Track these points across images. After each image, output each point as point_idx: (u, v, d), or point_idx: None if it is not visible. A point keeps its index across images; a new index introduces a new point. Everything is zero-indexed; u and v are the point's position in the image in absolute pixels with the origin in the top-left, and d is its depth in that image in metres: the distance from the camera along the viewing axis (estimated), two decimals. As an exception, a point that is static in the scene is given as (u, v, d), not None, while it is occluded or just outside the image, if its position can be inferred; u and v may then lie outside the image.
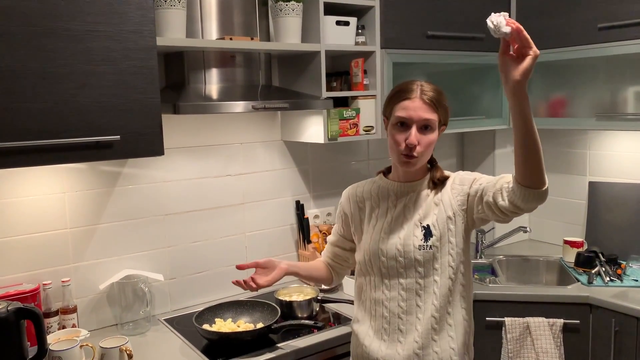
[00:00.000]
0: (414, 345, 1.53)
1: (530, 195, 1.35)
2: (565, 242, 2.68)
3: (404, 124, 1.51)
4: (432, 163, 1.63)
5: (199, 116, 2.25)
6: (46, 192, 1.96)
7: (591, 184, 2.76)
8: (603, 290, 2.26)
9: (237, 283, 1.68)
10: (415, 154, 1.50)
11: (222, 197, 2.34)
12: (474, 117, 2.61)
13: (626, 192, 2.63)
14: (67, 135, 1.60)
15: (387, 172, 1.68)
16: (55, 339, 1.75)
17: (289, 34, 2.11)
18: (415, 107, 1.50)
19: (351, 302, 2.17)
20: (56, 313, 1.92)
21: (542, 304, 2.25)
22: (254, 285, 1.67)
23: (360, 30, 2.30)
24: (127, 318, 2.03)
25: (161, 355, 1.85)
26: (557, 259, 2.73)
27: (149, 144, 1.75)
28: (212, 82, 2.06)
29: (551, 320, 2.22)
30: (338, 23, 2.21)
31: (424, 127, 1.50)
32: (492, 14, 1.28)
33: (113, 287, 2.07)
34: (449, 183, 1.58)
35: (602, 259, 2.51)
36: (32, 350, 1.61)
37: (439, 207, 1.55)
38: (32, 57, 1.53)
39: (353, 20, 2.25)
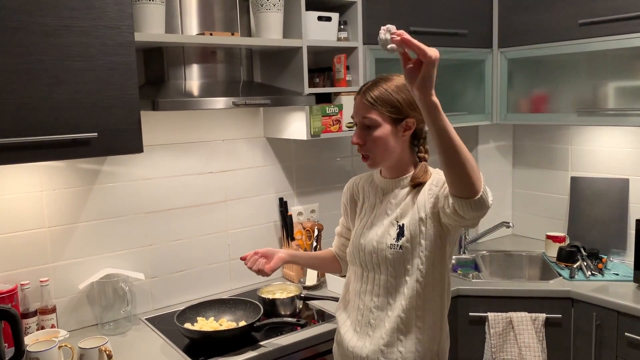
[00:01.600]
0: (380, 341, 1.52)
1: (464, 205, 1.27)
2: (548, 237, 2.70)
3: (356, 124, 1.56)
4: (421, 159, 1.58)
5: (180, 113, 2.22)
6: (23, 191, 1.92)
7: (573, 179, 2.79)
8: (584, 285, 2.28)
9: (246, 259, 1.73)
10: (363, 152, 1.53)
11: (204, 194, 2.32)
12: (456, 113, 2.61)
13: (607, 187, 2.66)
14: (43, 133, 1.57)
15: None
16: (33, 340, 1.72)
17: (270, 30, 2.09)
18: (357, 106, 1.54)
19: (334, 299, 2.17)
20: (35, 313, 1.89)
21: (525, 298, 2.27)
22: (256, 269, 1.71)
23: (342, 26, 2.29)
24: (107, 318, 2.00)
25: (142, 355, 1.83)
26: (539, 254, 2.75)
27: (128, 141, 1.72)
28: (193, 78, 2.03)
29: (534, 314, 2.23)
30: (320, 18, 2.20)
31: (366, 125, 1.51)
32: (381, 28, 1.23)
33: (93, 286, 2.04)
34: (428, 182, 1.52)
35: (584, 253, 2.53)
36: (9, 352, 1.59)
37: (414, 208, 1.51)
38: (5, 52, 1.50)
39: (335, 16, 2.24)
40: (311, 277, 2.36)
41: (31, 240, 1.94)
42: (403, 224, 1.51)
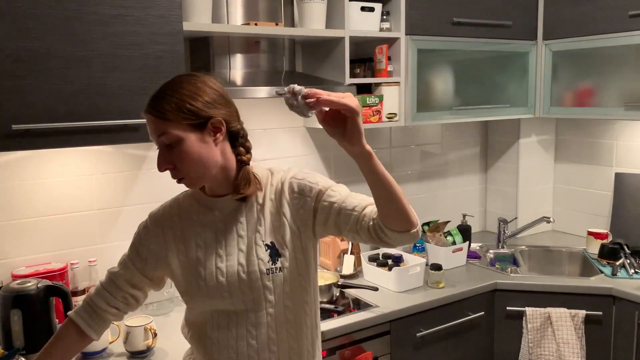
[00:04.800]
0: None
1: (401, 238, 1.20)
2: (589, 233, 2.65)
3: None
4: (242, 163, 1.29)
5: (223, 101, 2.27)
6: (74, 174, 2.00)
7: (617, 175, 2.72)
8: (627, 282, 2.23)
9: None
10: (177, 177, 1.22)
11: (244, 182, 2.36)
12: (498, 106, 2.58)
13: (654, 183, 2.59)
14: (95, 118, 1.64)
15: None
16: (82, 317, 1.79)
17: (313, 20, 2.11)
18: (148, 125, 1.20)
19: (371, 289, 2.18)
20: (83, 292, 1.97)
21: (564, 294, 2.24)
22: None
23: (385, 16, 2.29)
24: (151, 299, 2.07)
25: (184, 335, 1.88)
26: (580, 250, 2.70)
27: (175, 128, 1.77)
28: (237, 68, 2.07)
29: (573, 311, 2.20)
30: (363, 9, 2.20)
31: (167, 144, 1.19)
32: (285, 90, 1.07)
33: (138, 268, 2.10)
34: (286, 189, 1.30)
35: (627, 251, 2.48)
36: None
37: (281, 221, 1.29)
38: (61, 40, 1.57)
39: (378, 6, 2.24)
40: (347, 265, 2.38)
41: (81, 222, 2.02)
42: (272, 242, 1.28)
